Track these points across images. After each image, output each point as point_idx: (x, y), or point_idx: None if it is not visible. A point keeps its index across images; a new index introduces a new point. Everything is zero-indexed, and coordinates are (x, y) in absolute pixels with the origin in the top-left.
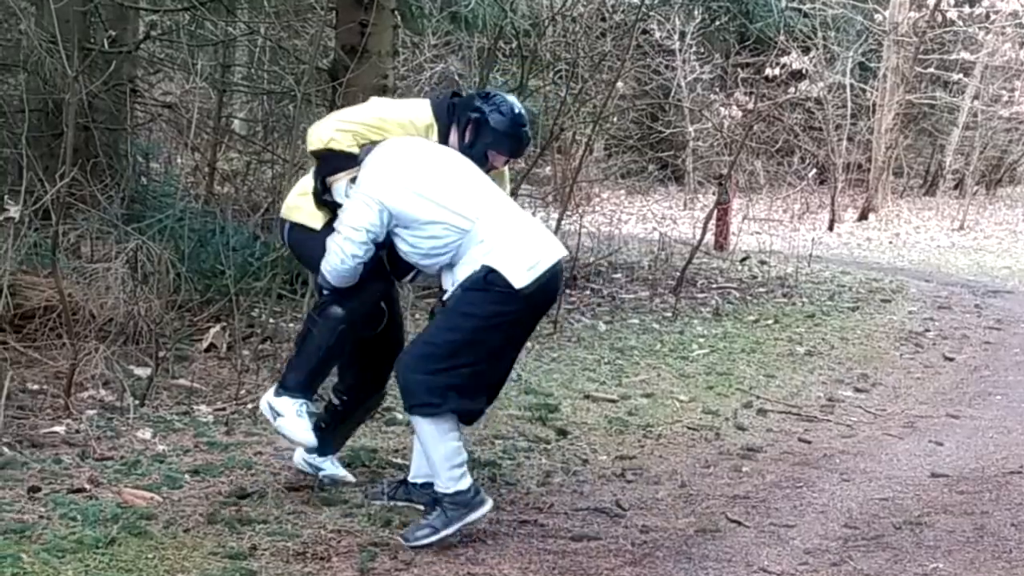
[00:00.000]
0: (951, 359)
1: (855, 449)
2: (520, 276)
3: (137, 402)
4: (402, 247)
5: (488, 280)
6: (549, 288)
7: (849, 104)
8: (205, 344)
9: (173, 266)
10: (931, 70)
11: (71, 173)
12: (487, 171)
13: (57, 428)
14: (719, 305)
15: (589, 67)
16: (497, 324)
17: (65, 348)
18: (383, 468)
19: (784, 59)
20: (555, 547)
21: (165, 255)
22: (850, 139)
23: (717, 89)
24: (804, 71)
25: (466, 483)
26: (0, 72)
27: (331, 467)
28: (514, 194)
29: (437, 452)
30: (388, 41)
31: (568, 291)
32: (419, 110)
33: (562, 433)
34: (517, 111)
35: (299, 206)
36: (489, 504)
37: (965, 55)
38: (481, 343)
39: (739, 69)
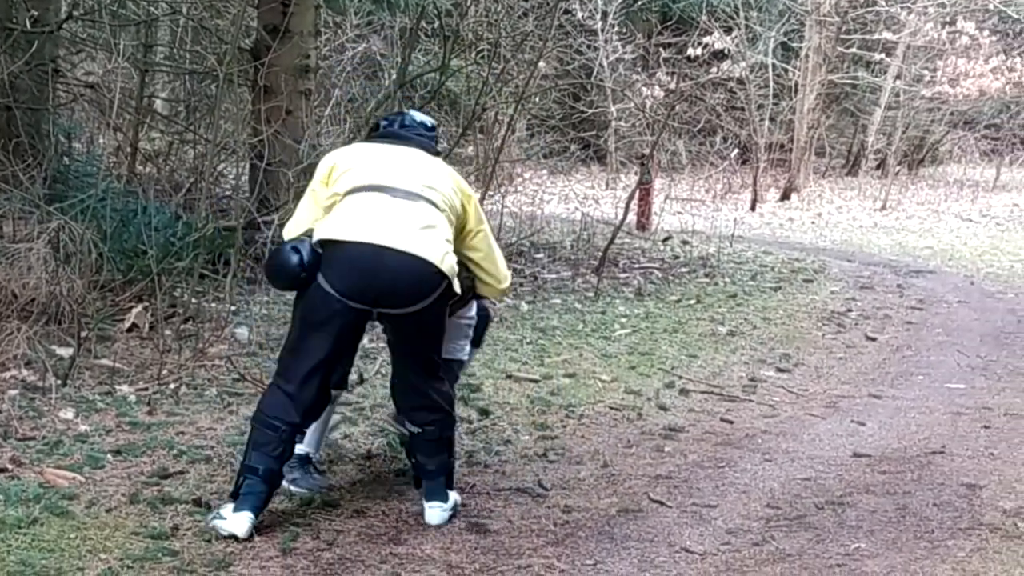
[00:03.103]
0: (873, 339)
1: (777, 429)
2: None
3: (59, 382)
4: None
5: None
6: None
7: (771, 84)
8: (127, 324)
9: (95, 246)
10: (853, 50)
11: None
12: None
13: None
14: (641, 285)
15: (511, 47)
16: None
17: None
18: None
19: (706, 39)
20: (477, 527)
21: (87, 235)
22: (772, 119)
23: (639, 69)
24: (726, 51)
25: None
26: None
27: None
28: None
29: None
30: (310, 21)
31: None
32: None
33: (484, 413)
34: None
35: None
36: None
37: (887, 35)
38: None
39: (661, 49)
